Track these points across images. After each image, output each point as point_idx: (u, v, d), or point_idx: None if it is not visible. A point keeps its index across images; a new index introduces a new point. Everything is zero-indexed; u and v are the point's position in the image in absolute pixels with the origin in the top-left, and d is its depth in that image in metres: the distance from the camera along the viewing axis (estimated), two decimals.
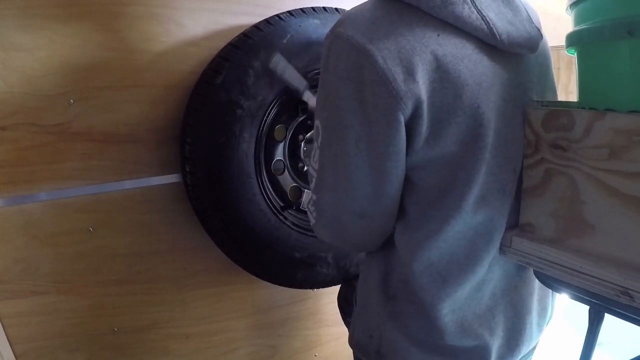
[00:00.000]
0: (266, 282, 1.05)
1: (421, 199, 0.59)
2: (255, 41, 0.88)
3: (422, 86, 0.50)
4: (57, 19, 0.79)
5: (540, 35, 0.59)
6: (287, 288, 1.11)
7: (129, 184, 0.93)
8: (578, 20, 0.55)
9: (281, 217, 0.99)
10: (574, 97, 0.62)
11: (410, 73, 0.49)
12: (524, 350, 0.69)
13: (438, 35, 0.51)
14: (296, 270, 1.03)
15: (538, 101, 0.58)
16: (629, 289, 0.48)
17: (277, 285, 1.05)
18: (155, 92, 0.92)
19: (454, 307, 0.61)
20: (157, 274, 1.01)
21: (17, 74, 0.78)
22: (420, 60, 0.50)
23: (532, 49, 0.58)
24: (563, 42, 0.58)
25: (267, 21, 0.91)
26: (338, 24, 0.53)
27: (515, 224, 0.62)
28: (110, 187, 0.91)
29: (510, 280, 0.65)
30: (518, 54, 0.58)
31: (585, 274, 0.52)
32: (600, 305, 0.54)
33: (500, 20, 0.54)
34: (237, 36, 0.91)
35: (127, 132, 0.90)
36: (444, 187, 0.57)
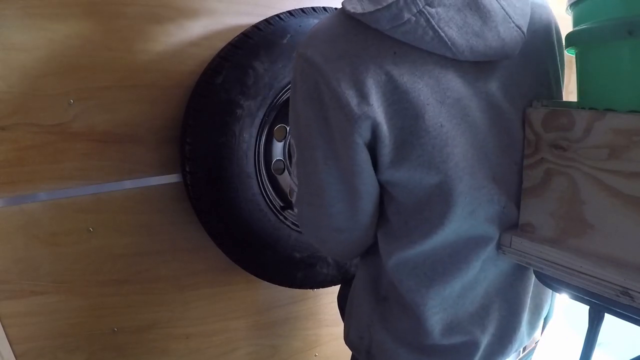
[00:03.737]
0: (266, 282, 1.05)
1: (402, 210, 0.58)
2: (255, 41, 0.88)
3: (378, 109, 0.49)
4: (57, 19, 0.79)
5: (522, 34, 0.54)
6: (287, 288, 1.11)
7: (129, 184, 0.93)
8: (578, 20, 0.55)
9: (281, 217, 0.99)
10: (574, 97, 0.61)
11: (363, 96, 0.48)
12: (516, 347, 0.69)
13: (394, 53, 0.49)
14: (296, 270, 1.03)
15: (538, 101, 0.58)
16: (629, 289, 0.48)
17: (277, 285, 1.05)
18: (155, 92, 0.92)
19: (445, 306, 0.61)
20: (157, 274, 1.01)
21: (17, 74, 0.78)
22: (374, 82, 0.48)
23: (506, 55, 0.53)
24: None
25: (267, 21, 0.91)
26: (302, 43, 0.53)
27: (510, 228, 0.61)
28: (110, 187, 0.91)
29: (505, 279, 0.64)
30: (492, 61, 0.54)
31: (585, 274, 0.52)
32: (600, 305, 0.54)
33: (463, 35, 0.49)
34: (237, 36, 0.91)
35: (127, 132, 0.90)
36: (421, 205, 0.55)
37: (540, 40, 0.60)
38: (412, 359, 0.65)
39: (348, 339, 0.75)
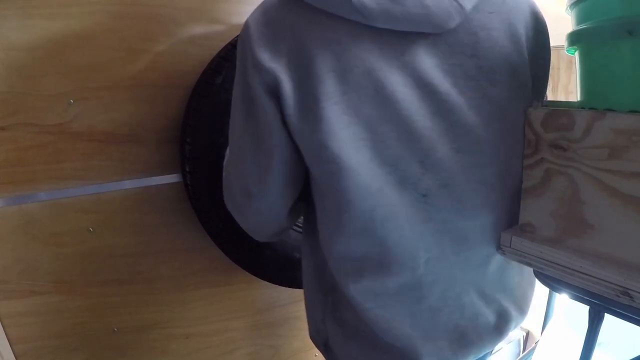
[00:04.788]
0: (266, 282, 1.05)
1: (316, 187, 0.59)
2: None
3: (285, 71, 0.52)
4: (57, 19, 0.79)
5: (458, 7, 0.51)
6: (287, 288, 1.11)
7: (129, 184, 0.93)
8: (578, 20, 0.55)
9: None
10: (574, 97, 0.61)
11: (274, 56, 0.52)
12: (474, 354, 0.66)
13: (309, 21, 0.52)
14: (296, 270, 1.02)
15: (538, 101, 0.58)
16: (629, 289, 0.48)
17: (277, 285, 1.05)
18: (155, 92, 0.92)
19: (380, 303, 0.60)
20: (157, 274, 1.01)
21: (17, 74, 0.78)
22: (286, 47, 0.52)
23: (434, 25, 0.50)
24: (563, 42, 0.58)
25: None
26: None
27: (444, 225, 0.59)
28: (110, 187, 0.91)
29: (461, 284, 0.62)
30: (429, 33, 0.51)
31: (585, 274, 0.52)
32: (600, 305, 0.54)
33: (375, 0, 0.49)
34: (237, 36, 0.91)
35: (127, 132, 0.90)
36: (326, 180, 0.55)
37: (500, 24, 0.55)
38: (362, 352, 0.64)
39: (310, 335, 0.76)
